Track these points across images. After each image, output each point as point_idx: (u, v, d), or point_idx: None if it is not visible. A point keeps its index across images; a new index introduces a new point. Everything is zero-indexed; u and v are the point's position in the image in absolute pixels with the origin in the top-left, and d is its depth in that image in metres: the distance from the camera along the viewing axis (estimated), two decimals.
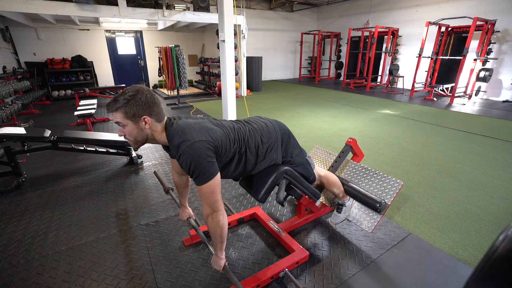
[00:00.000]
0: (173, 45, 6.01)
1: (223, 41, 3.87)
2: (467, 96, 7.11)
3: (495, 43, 6.81)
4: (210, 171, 1.18)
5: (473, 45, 6.70)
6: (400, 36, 9.08)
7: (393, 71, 8.60)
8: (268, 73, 11.73)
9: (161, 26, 8.46)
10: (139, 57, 9.33)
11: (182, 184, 1.64)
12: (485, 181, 2.78)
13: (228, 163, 1.35)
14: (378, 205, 1.71)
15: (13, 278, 1.62)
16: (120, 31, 8.83)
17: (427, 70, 7.74)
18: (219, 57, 4.96)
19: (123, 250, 1.84)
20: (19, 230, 2.05)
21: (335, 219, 1.94)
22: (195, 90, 8.71)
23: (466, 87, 7.03)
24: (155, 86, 9.67)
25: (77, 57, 7.81)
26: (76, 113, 4.50)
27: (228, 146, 1.29)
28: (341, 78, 11.24)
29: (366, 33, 9.50)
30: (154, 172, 2.12)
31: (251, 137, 1.41)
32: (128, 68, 9.26)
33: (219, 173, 1.23)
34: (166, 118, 1.26)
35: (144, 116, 1.15)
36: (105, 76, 8.82)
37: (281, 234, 1.86)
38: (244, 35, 7.45)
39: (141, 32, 9.05)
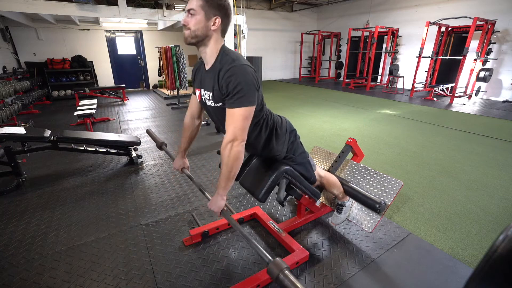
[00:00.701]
0: (173, 45, 6.01)
1: None
2: (467, 96, 7.11)
3: (495, 43, 6.81)
4: (254, 96, 1.16)
5: (473, 45, 6.70)
6: (400, 36, 9.09)
7: (393, 71, 8.60)
8: (268, 73, 11.73)
9: (161, 26, 8.46)
10: (139, 57, 9.33)
11: (192, 127, 1.56)
12: (485, 181, 2.78)
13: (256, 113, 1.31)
14: (377, 206, 1.71)
15: (13, 278, 1.62)
16: (120, 31, 8.83)
17: (427, 70, 7.75)
18: None
19: (123, 250, 1.84)
20: (19, 230, 2.05)
21: (336, 220, 1.94)
22: None
23: (466, 87, 7.04)
24: (155, 86, 9.67)
25: (77, 57, 7.81)
26: (76, 113, 4.50)
27: (259, 104, 1.28)
28: (341, 78, 11.24)
29: (366, 33, 9.50)
30: (147, 130, 2.08)
31: (271, 118, 1.42)
32: (128, 68, 9.26)
33: (255, 106, 1.20)
34: (224, 42, 1.25)
35: (217, 17, 1.15)
36: (105, 76, 8.82)
37: (281, 234, 1.86)
38: (244, 35, 7.45)
39: (141, 32, 9.05)
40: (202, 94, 1.32)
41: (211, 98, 1.25)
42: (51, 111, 6.29)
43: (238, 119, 1.15)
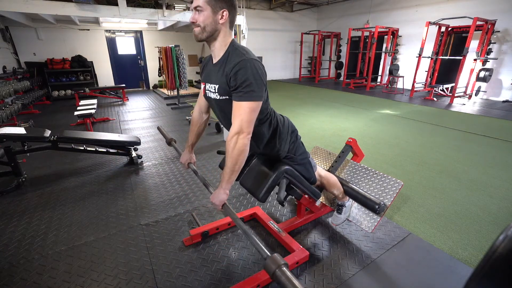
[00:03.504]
0: (173, 45, 6.01)
1: None
2: (467, 96, 7.11)
3: (495, 43, 6.81)
4: (262, 91, 1.17)
5: (473, 45, 6.70)
6: (400, 36, 9.08)
7: (393, 71, 8.60)
8: (268, 73, 11.60)
9: (161, 26, 8.46)
10: (139, 57, 9.33)
11: (200, 122, 1.57)
12: (485, 181, 2.78)
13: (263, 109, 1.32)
14: (377, 207, 1.71)
15: (13, 278, 1.62)
16: (120, 31, 8.83)
17: (427, 70, 7.75)
18: None
19: (123, 250, 1.84)
20: (19, 230, 2.05)
21: (336, 220, 1.94)
22: (195, 90, 8.71)
23: (466, 87, 7.04)
24: (155, 86, 9.67)
25: (77, 57, 7.82)
26: (76, 113, 4.50)
27: (265, 101, 1.29)
28: (341, 78, 11.23)
29: (366, 33, 9.50)
30: (158, 127, 2.09)
31: (274, 117, 1.42)
32: (128, 68, 9.26)
33: (262, 101, 1.21)
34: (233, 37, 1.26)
35: (224, 9, 1.16)
36: (105, 76, 8.82)
37: (281, 234, 1.86)
38: (244, 35, 7.45)
39: (141, 32, 9.05)
40: (206, 88, 1.34)
41: (216, 91, 1.26)
42: (51, 111, 6.29)
43: (245, 112, 1.15)
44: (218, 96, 1.26)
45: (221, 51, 1.23)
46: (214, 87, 1.26)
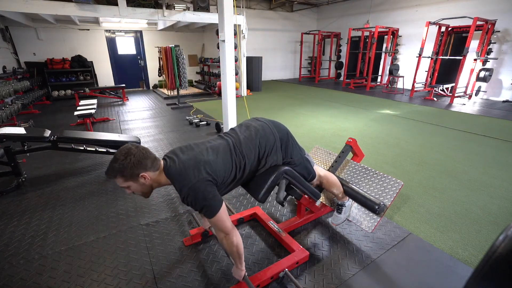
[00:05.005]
0: (173, 45, 6.01)
1: (223, 41, 3.87)
2: (467, 96, 7.11)
3: (495, 43, 6.81)
4: (215, 205, 1.26)
5: (473, 45, 6.70)
6: (400, 36, 9.08)
7: (393, 71, 8.60)
8: (268, 73, 11.73)
9: (161, 26, 8.46)
10: (139, 57, 9.33)
11: None
12: (485, 181, 2.78)
13: (230, 183, 1.41)
14: (376, 207, 1.71)
15: (13, 278, 1.62)
16: (120, 31, 8.83)
17: (427, 70, 7.75)
18: (219, 57, 4.96)
19: (123, 250, 1.84)
20: (19, 230, 2.05)
21: (336, 220, 1.94)
22: (195, 90, 8.71)
23: (466, 87, 7.03)
24: (155, 86, 9.67)
25: (77, 57, 7.81)
26: (76, 113, 4.50)
27: (227, 172, 1.36)
28: (341, 78, 11.24)
29: (366, 33, 9.50)
30: (191, 214, 2.20)
31: (248, 147, 1.42)
32: (128, 68, 9.26)
33: (223, 203, 1.31)
34: (162, 161, 1.32)
35: (141, 174, 1.23)
36: (105, 76, 8.82)
37: (281, 234, 1.86)
38: (244, 35, 7.45)
39: (141, 32, 9.05)
40: None
41: None
42: (51, 111, 6.29)
43: (216, 224, 1.30)
44: None
45: (165, 182, 1.32)
46: None
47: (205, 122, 4.92)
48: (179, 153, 1.33)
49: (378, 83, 9.89)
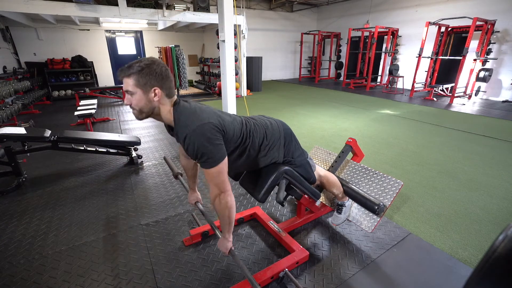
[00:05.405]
0: (173, 45, 6.02)
1: (223, 41, 3.87)
2: (467, 96, 7.11)
3: (494, 43, 6.81)
4: (218, 154, 1.16)
5: (473, 45, 6.70)
6: (400, 36, 9.09)
7: (393, 71, 8.60)
8: (268, 73, 11.73)
9: (161, 26, 8.46)
10: (139, 57, 9.30)
11: (190, 166, 1.62)
12: (485, 181, 2.78)
13: (229, 154, 1.32)
14: (376, 207, 1.71)
15: (13, 278, 1.62)
16: (120, 31, 8.83)
17: (427, 70, 7.75)
18: (219, 57, 4.96)
19: (123, 250, 1.84)
20: (19, 230, 2.05)
21: (336, 220, 1.94)
22: (195, 90, 8.71)
23: (466, 87, 7.04)
24: None
25: (77, 57, 7.81)
26: (76, 113, 4.50)
27: (235, 135, 1.28)
28: (341, 78, 11.24)
29: (366, 33, 9.50)
30: (164, 158, 2.11)
31: (256, 131, 1.40)
32: None
33: (226, 156, 1.21)
34: (176, 97, 1.23)
35: (155, 87, 1.13)
36: (105, 76, 8.82)
37: (281, 234, 1.86)
38: (244, 35, 7.45)
39: (141, 32, 9.05)
40: None
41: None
42: (51, 111, 6.29)
43: (213, 177, 1.19)
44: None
45: (170, 121, 1.21)
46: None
47: None
48: (194, 102, 1.27)
49: (378, 83, 9.90)
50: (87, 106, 4.98)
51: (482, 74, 6.60)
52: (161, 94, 1.14)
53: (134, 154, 3.24)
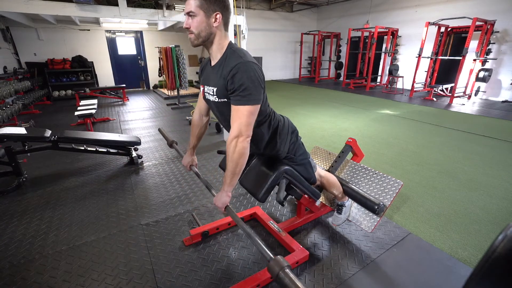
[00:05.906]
0: (173, 45, 6.02)
1: None
2: (467, 96, 7.12)
3: (494, 43, 6.81)
4: (259, 94, 1.16)
5: (473, 45, 6.70)
6: (400, 36, 9.09)
7: (393, 71, 8.61)
8: (268, 73, 11.73)
9: (161, 26, 8.46)
10: (139, 57, 9.33)
11: (201, 125, 1.59)
12: (485, 181, 2.78)
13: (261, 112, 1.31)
14: (376, 207, 1.72)
15: (14, 277, 1.62)
16: (121, 31, 8.83)
17: (426, 70, 7.75)
18: None
19: (124, 250, 1.84)
20: (19, 230, 2.05)
21: (336, 220, 1.94)
22: (195, 90, 8.71)
23: (466, 87, 7.04)
24: (155, 86, 9.67)
25: (78, 57, 7.82)
26: (76, 113, 4.50)
27: (264, 106, 1.28)
28: (341, 78, 11.24)
29: (366, 33, 9.50)
30: (159, 129, 2.09)
31: (274, 117, 1.42)
32: (129, 68, 9.26)
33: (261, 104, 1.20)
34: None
35: (217, 12, 1.14)
36: (105, 76, 8.82)
37: (281, 234, 1.87)
38: (244, 35, 7.45)
39: (141, 32, 9.05)
40: (205, 90, 1.33)
41: (214, 94, 1.26)
42: (52, 111, 6.29)
43: (243, 115, 1.15)
44: (217, 98, 1.25)
45: (218, 54, 1.23)
46: (213, 89, 1.26)
47: None
48: None
49: (378, 83, 9.90)
50: (87, 106, 4.98)
51: (481, 74, 6.61)
52: (221, 20, 1.16)
53: (134, 154, 3.24)
